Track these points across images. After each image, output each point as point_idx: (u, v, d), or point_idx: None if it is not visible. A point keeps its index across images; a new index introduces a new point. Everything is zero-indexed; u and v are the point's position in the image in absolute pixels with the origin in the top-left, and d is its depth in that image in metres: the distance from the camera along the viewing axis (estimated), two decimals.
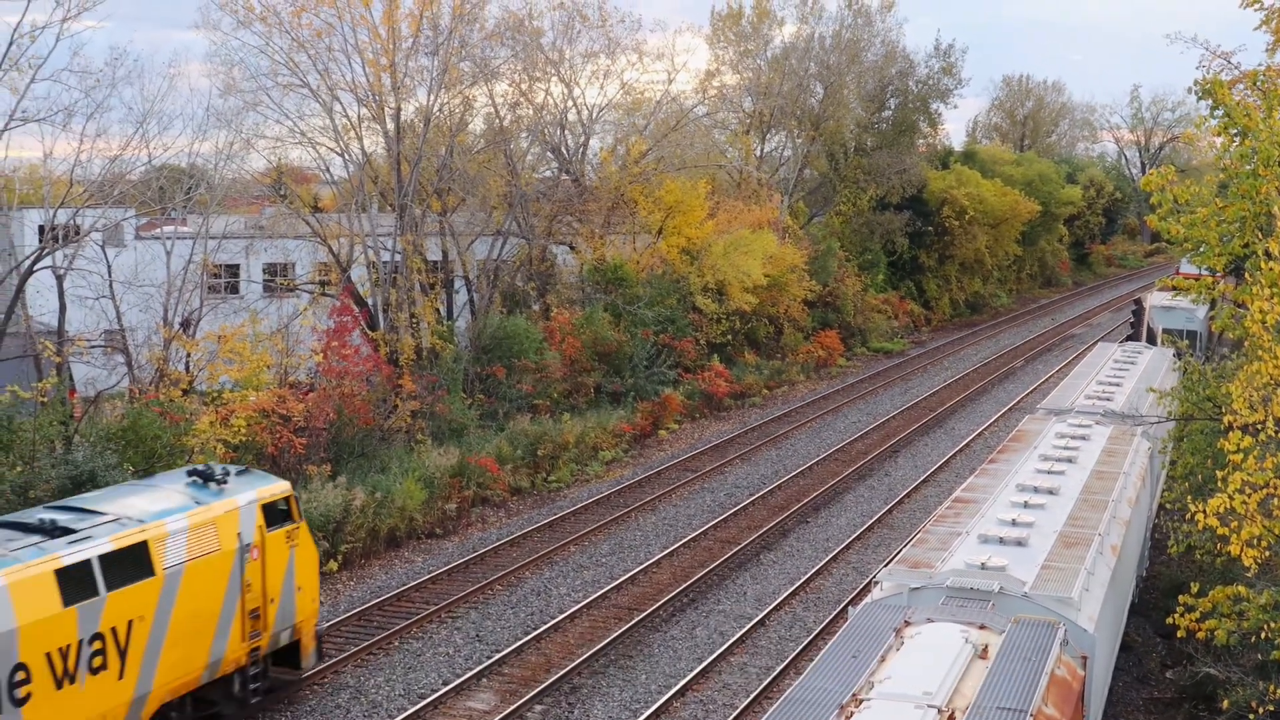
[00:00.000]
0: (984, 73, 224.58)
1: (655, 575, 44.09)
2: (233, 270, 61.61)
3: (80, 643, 25.27)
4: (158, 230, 57.11)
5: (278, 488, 31.76)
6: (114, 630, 26.05)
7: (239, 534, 29.76)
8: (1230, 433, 24.28)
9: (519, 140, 68.94)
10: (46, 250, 43.82)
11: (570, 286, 70.58)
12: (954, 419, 71.23)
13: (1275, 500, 23.72)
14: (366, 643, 36.72)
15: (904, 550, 27.65)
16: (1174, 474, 35.72)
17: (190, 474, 30.76)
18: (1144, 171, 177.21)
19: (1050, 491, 30.94)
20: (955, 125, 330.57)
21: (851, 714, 18.42)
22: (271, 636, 31.10)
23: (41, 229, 47.93)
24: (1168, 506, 38.70)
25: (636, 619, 39.12)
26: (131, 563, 26.64)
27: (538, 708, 33.19)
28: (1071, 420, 40.59)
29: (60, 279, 44.16)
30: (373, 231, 56.59)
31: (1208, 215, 29.81)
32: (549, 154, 73.57)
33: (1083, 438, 37.76)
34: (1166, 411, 36.22)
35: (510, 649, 36.87)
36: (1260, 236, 27.66)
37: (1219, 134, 30.52)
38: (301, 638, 32.37)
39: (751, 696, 33.72)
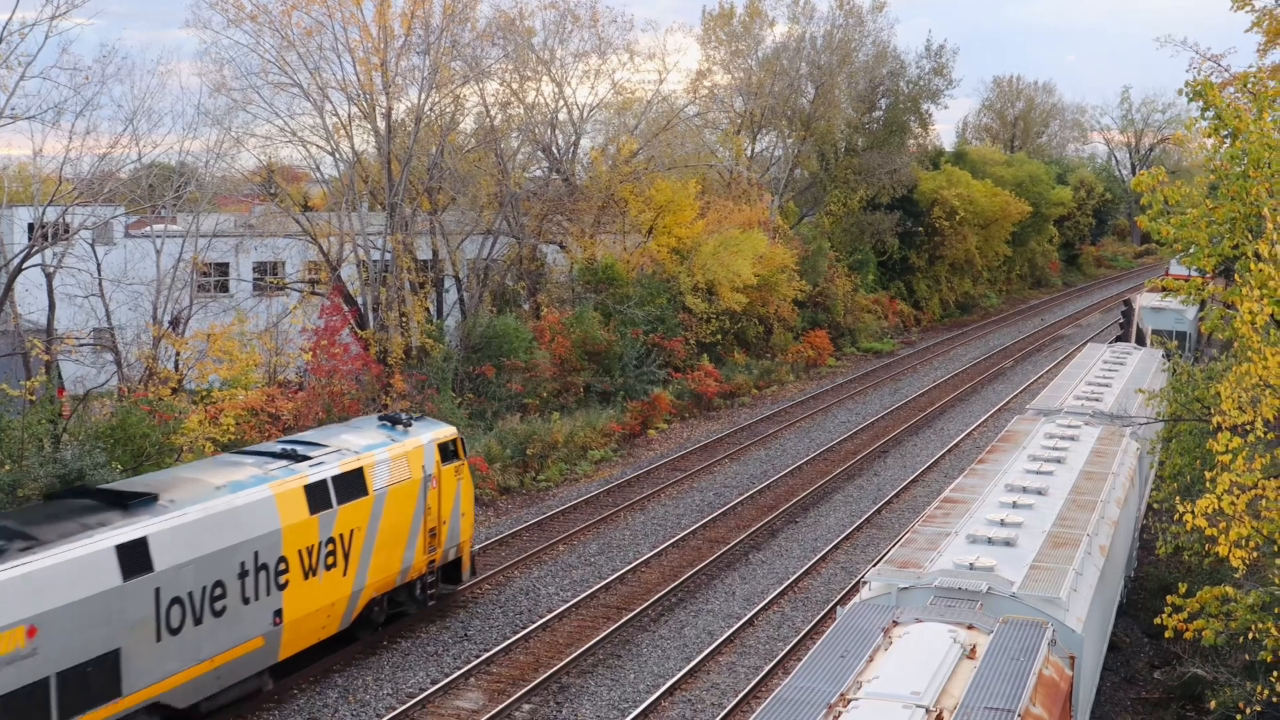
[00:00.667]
0: (980, 74, 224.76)
1: (644, 575, 44.15)
2: (222, 269, 61.71)
3: (319, 544, 32.35)
4: (147, 228, 57.17)
5: (449, 431, 39.06)
6: (341, 536, 33.19)
7: (423, 466, 36.87)
8: (1219, 434, 24.43)
9: (510, 139, 69.07)
10: (36, 248, 43.89)
11: (560, 286, 70.68)
12: (943, 419, 71.39)
13: (1263, 501, 23.81)
14: (354, 643, 36.78)
15: (892, 550, 27.72)
16: (1162, 474, 35.81)
17: (380, 419, 37.96)
18: (1134, 173, 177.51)
19: (1039, 492, 31.03)
20: (946, 126, 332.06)
21: (839, 714, 18.46)
22: (443, 552, 38.50)
23: (31, 226, 48.02)
24: (1156, 507, 38.83)
25: (625, 618, 39.17)
26: (353, 484, 33.77)
27: (525, 707, 33.23)
28: (1060, 421, 40.71)
29: (50, 277, 44.24)
30: (363, 230, 56.66)
31: (1198, 216, 29.98)
32: (540, 153, 73.65)
33: (1072, 438, 37.88)
34: (1155, 412, 36.41)
35: (499, 648, 36.90)
36: (1250, 238, 27.81)
37: (1209, 135, 30.70)
38: (462, 556, 39.77)
39: (740, 696, 33.79)
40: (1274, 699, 24.73)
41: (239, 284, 61.87)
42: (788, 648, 37.26)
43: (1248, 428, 24.20)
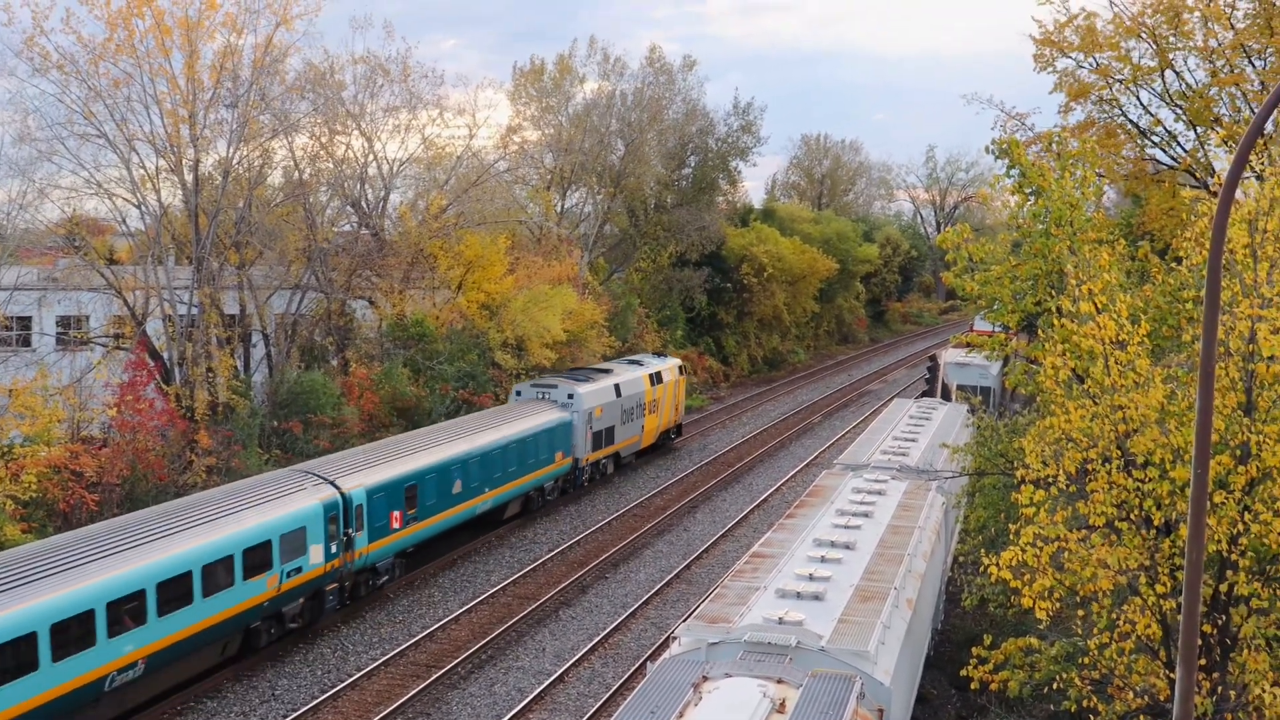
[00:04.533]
0: (789, 132, 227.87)
1: (454, 631, 44.90)
2: (25, 322, 61.01)
3: (653, 400, 73.45)
4: None
5: (678, 361, 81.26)
6: (655, 400, 73.72)
7: (676, 373, 77.89)
8: (1022, 487, 25.67)
9: (318, 194, 69.26)
10: None
11: (369, 342, 71.02)
12: (752, 474, 72.95)
13: (1066, 553, 25.01)
14: (161, 704, 36.90)
15: (702, 605, 28.63)
16: (968, 528, 37.08)
17: (654, 355, 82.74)
18: (939, 230, 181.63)
19: (847, 546, 32.09)
20: (755, 183, 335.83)
21: None
22: (680, 417, 79.69)
23: None
24: (962, 560, 40.24)
25: (435, 676, 39.93)
26: (659, 377, 75.25)
27: None
28: (868, 475, 41.99)
29: None
30: (169, 284, 56.64)
31: (1001, 273, 31.43)
32: (349, 208, 73.91)
33: (879, 492, 39.13)
34: (960, 467, 37.56)
35: (306, 708, 37.33)
36: (1052, 294, 29.32)
37: (1013, 193, 32.11)
38: (682, 423, 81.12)
39: None
40: None
41: (42, 338, 61.17)
42: (598, 704, 38.23)
43: (1050, 480, 25.45)
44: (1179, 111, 58.30)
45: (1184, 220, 44.83)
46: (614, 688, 39.55)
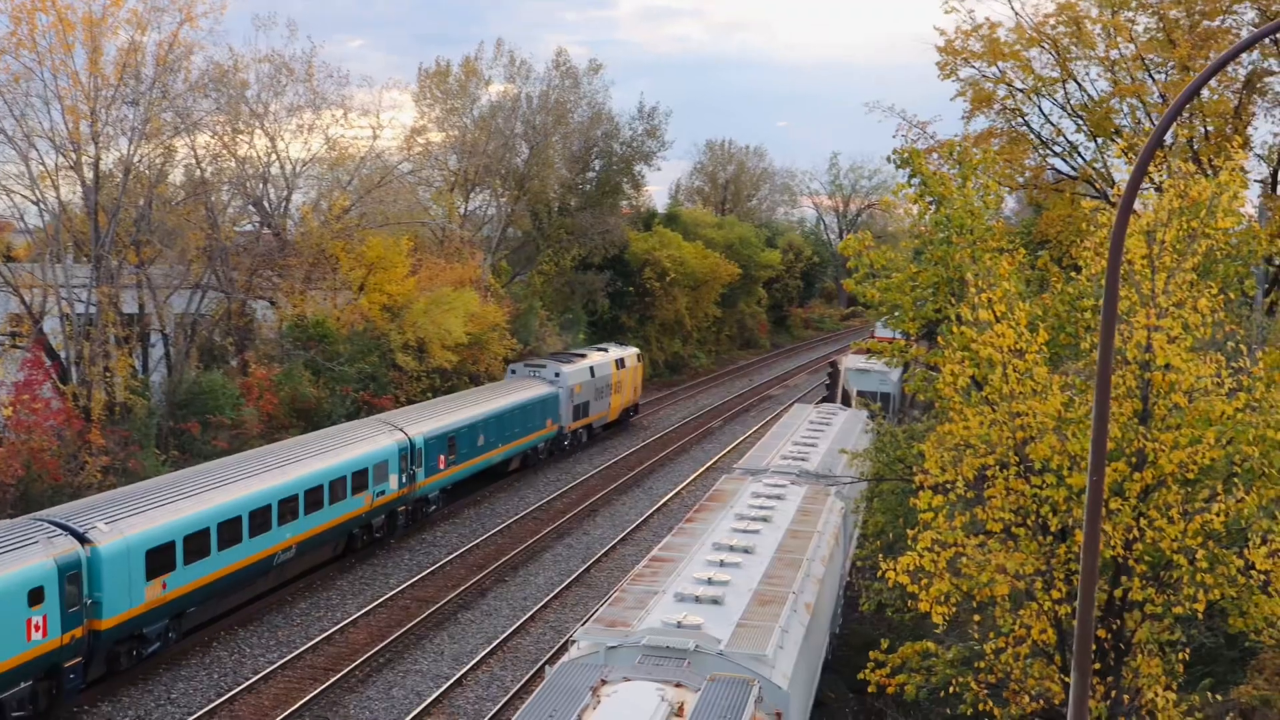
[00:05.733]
0: (694, 137, 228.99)
1: (351, 635, 44.77)
2: None
3: (616, 381, 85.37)
4: None
5: (636, 350, 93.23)
6: (620, 381, 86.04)
7: (635, 360, 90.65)
8: (921, 492, 25.90)
9: (220, 193, 68.70)
10: None
11: (270, 342, 70.51)
12: (652, 478, 73.15)
13: (963, 559, 25.26)
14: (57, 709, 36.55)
15: (601, 609, 28.65)
16: (866, 533, 37.16)
17: (602, 348, 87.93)
18: (842, 237, 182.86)
19: (746, 550, 32.28)
20: (659, 188, 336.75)
21: None
22: (636, 399, 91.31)
23: None
24: (860, 564, 40.53)
25: (332, 679, 39.78)
26: (621, 362, 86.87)
27: None
28: (767, 480, 42.26)
29: None
30: (67, 282, 55.97)
31: (902, 280, 31.61)
32: (251, 207, 73.39)
33: (778, 497, 39.40)
34: (859, 472, 37.83)
35: (202, 711, 37.09)
36: (953, 302, 29.54)
37: (915, 201, 32.27)
38: (639, 402, 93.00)
39: None
40: None
41: None
42: (496, 707, 38.30)
43: (949, 486, 25.69)
44: (1080, 122, 59.09)
45: (1082, 229, 45.46)
46: (512, 691, 39.62)
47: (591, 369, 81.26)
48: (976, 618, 26.12)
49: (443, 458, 59.87)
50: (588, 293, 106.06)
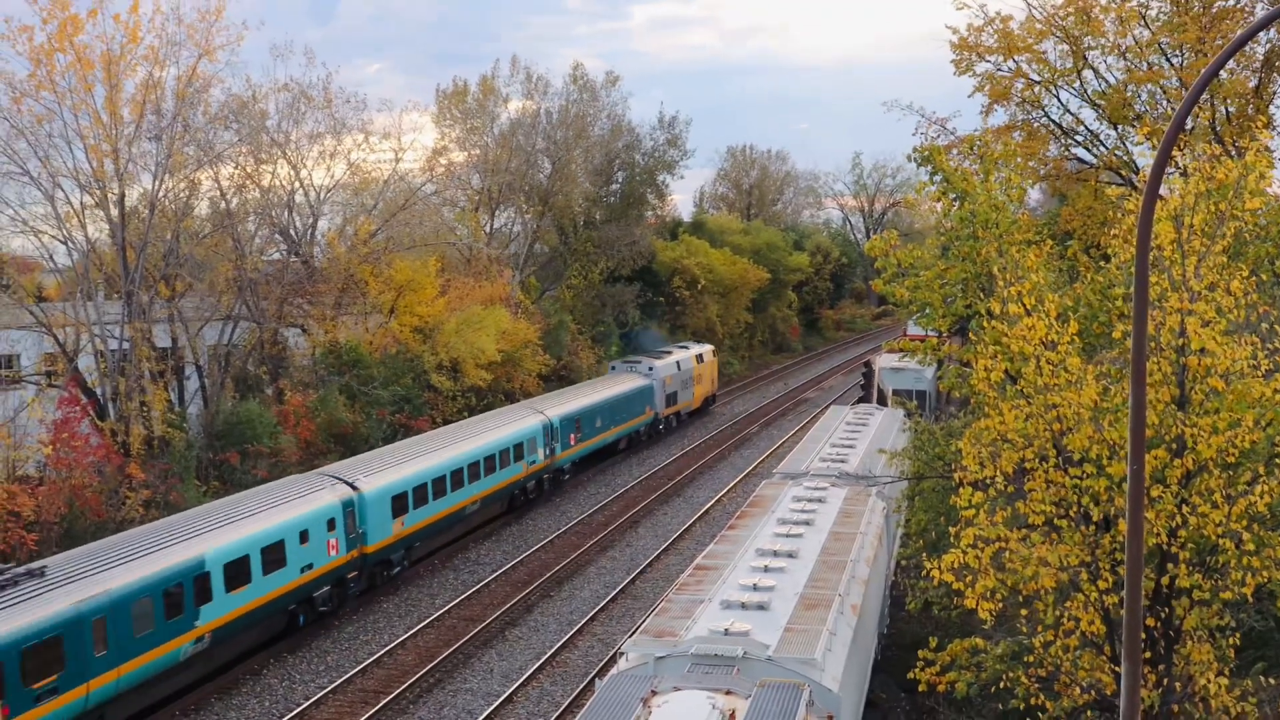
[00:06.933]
0: (715, 144, 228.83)
1: (400, 656, 44.83)
2: None
3: (697, 375, 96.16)
4: None
5: (712, 346, 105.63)
6: (699, 374, 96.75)
7: (712, 355, 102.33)
8: (961, 489, 25.79)
9: (246, 223, 68.95)
10: None
11: (303, 369, 70.73)
12: (692, 487, 73.13)
13: (1007, 553, 25.14)
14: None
15: (648, 620, 28.63)
16: (909, 531, 37.29)
17: (683, 345, 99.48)
18: (869, 236, 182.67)
19: (790, 555, 32.23)
20: (683, 196, 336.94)
21: None
22: (714, 392, 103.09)
23: None
24: (904, 564, 40.38)
25: (383, 702, 39.82)
26: (700, 358, 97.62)
27: None
28: (807, 483, 42.17)
29: None
30: (99, 319, 56.25)
31: (931, 278, 31.54)
32: (277, 236, 73.65)
33: (819, 500, 39.32)
34: (899, 471, 37.71)
35: None
36: (982, 297, 29.45)
37: (938, 199, 32.20)
38: (716, 394, 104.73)
39: None
40: None
41: None
42: None
43: (988, 482, 25.56)
44: (1099, 110, 58.84)
45: (1105, 219, 45.27)
46: (563, 705, 39.60)
47: (678, 363, 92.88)
48: (1024, 612, 26.04)
49: (573, 436, 71.77)
50: (618, 305, 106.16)
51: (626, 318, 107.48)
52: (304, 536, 45.44)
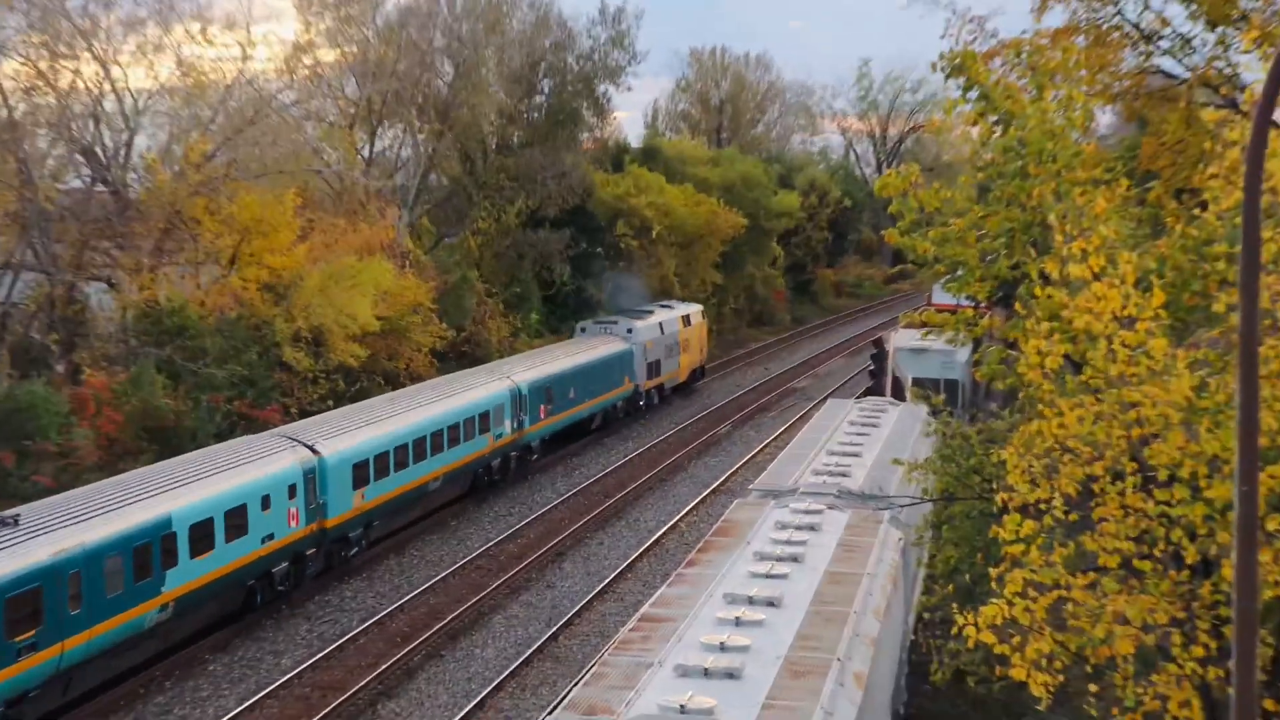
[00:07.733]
0: (675, 45, 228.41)
1: None
2: None
3: (684, 339, 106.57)
4: None
5: (700, 306, 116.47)
6: (686, 339, 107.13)
7: (700, 316, 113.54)
8: (1006, 516, 25.18)
9: (37, 138, 68.09)
10: None
11: (109, 339, 69.90)
12: (638, 507, 72.97)
13: (1069, 606, 24.64)
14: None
15: (575, 691, 28.11)
16: (935, 573, 36.85)
17: (666, 304, 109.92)
18: (880, 172, 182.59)
19: (770, 603, 31.73)
20: (631, 113, 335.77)
21: None
22: (704, 360, 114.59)
23: None
24: (928, 617, 39.91)
25: None
26: (689, 320, 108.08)
27: None
28: (796, 505, 41.69)
29: None
30: None
31: (965, 228, 30.98)
32: (78, 157, 72.72)
33: (812, 528, 38.85)
34: (921, 490, 37.33)
35: None
36: (1033, 254, 28.90)
37: (974, 122, 31.73)
38: (705, 365, 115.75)
39: None
40: None
41: None
42: None
43: (1043, 507, 25.06)
44: (1192, 6, 58.54)
45: (1201, 152, 44.95)
46: None
47: (660, 325, 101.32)
48: (1093, 687, 25.58)
49: (543, 407, 79.56)
50: (541, 257, 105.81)
51: (553, 275, 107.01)
52: (265, 502, 52.39)
